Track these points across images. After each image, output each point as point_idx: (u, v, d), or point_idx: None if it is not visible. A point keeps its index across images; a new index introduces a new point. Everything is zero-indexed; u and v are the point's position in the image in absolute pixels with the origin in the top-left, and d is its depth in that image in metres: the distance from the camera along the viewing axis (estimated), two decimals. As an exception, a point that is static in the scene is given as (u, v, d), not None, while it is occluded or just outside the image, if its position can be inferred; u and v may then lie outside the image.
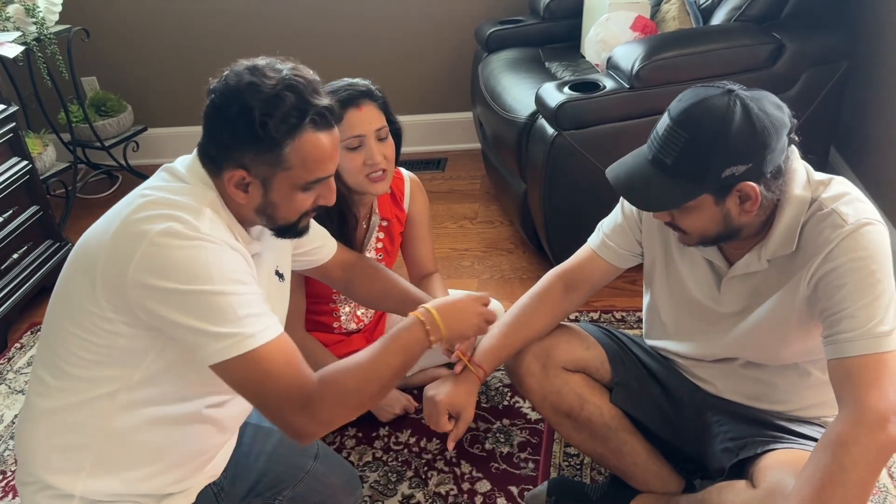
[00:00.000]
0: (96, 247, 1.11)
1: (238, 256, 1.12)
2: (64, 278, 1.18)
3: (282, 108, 1.09)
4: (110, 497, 1.19)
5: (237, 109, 1.09)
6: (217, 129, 1.13)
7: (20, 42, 2.66)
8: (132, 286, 1.06)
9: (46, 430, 1.18)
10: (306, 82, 1.12)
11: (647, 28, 2.48)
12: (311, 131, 1.12)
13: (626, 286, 2.30)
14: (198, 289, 1.05)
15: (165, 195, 1.12)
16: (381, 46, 3.36)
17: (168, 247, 1.05)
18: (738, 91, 1.18)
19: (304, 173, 1.14)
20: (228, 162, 1.13)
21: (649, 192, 1.22)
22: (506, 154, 2.53)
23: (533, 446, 1.82)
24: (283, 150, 1.11)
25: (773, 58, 2.19)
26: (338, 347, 1.86)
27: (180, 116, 3.60)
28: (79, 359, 1.13)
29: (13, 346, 2.41)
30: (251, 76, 1.10)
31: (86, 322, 1.11)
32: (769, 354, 1.37)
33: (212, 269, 1.06)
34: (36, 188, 2.58)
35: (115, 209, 1.16)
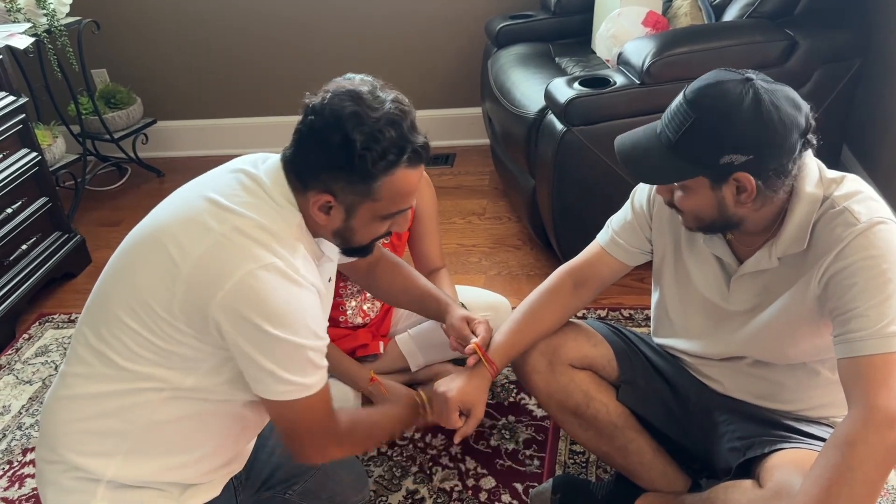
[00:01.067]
0: (178, 253, 1.11)
1: (319, 303, 1.18)
2: (128, 264, 1.18)
3: (382, 144, 1.10)
4: (138, 483, 1.19)
5: (338, 138, 1.09)
6: (312, 151, 1.13)
7: (31, 33, 2.66)
8: (219, 308, 1.08)
9: (82, 413, 1.18)
10: (406, 116, 1.13)
11: (659, 24, 2.46)
12: (405, 168, 1.14)
13: (635, 284, 2.29)
14: (284, 336, 1.10)
15: (259, 219, 1.12)
16: (391, 41, 3.35)
17: (268, 284, 1.08)
18: (756, 80, 1.16)
19: (389, 205, 1.16)
20: (317, 183, 1.14)
21: (647, 163, 1.23)
22: (514, 150, 2.52)
23: (538, 443, 1.81)
24: (375, 183, 1.12)
25: (785, 55, 2.17)
26: (344, 342, 1.86)
27: (190, 109, 3.61)
28: (132, 353, 1.14)
29: (21, 336, 2.42)
30: (355, 105, 1.10)
31: (151, 323, 1.12)
32: (778, 353, 1.36)
33: (302, 320, 1.12)
34: (45, 180, 2.59)
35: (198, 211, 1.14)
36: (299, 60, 3.41)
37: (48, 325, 2.47)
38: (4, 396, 2.18)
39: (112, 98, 3.33)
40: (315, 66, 3.36)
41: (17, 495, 1.84)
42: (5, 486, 1.87)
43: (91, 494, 1.17)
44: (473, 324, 1.49)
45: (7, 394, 2.19)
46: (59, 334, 2.42)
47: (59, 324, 2.48)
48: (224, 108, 3.56)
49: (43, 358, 2.32)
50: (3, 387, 2.21)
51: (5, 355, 2.34)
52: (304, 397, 1.15)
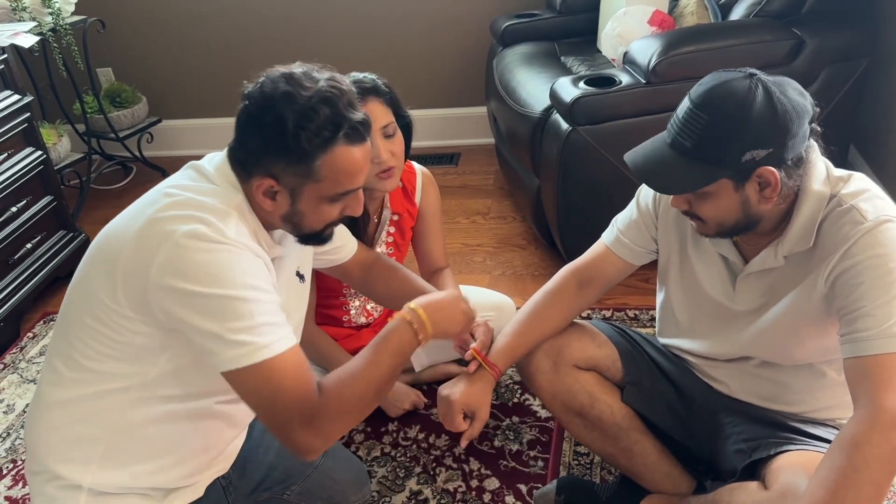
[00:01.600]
0: (118, 243, 1.11)
1: (260, 263, 1.12)
2: (84, 271, 1.18)
3: (316, 121, 1.08)
4: (119, 489, 1.19)
5: (271, 119, 1.08)
6: (249, 136, 1.12)
7: (36, 32, 2.67)
8: (153, 286, 1.06)
9: (57, 421, 1.18)
10: (342, 94, 1.11)
11: (665, 23, 2.45)
12: (344, 145, 1.11)
13: (640, 284, 2.28)
14: (218, 292, 1.04)
15: (192, 196, 1.11)
16: (395, 40, 3.34)
17: (192, 249, 1.05)
18: (759, 75, 1.16)
19: (333, 185, 1.13)
20: (258, 169, 1.12)
21: (668, 175, 1.21)
22: (519, 149, 2.51)
23: (543, 444, 1.81)
24: (315, 163, 1.10)
25: (792, 54, 2.15)
26: (347, 342, 1.85)
27: (195, 108, 3.61)
28: (95, 352, 1.13)
29: (25, 335, 2.43)
30: (287, 85, 1.09)
31: (104, 317, 1.11)
32: (784, 354, 1.35)
33: (234, 274, 1.06)
34: (50, 178, 2.59)
35: (139, 205, 1.15)
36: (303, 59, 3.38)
37: (52, 324, 2.47)
38: (9, 395, 2.18)
39: (117, 97, 3.34)
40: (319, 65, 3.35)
41: (20, 494, 1.84)
42: (9, 485, 1.87)
43: (74, 502, 1.16)
44: (472, 326, 1.47)
45: (11, 392, 2.19)
46: (64, 333, 2.42)
47: (64, 322, 2.48)
48: (229, 107, 3.51)
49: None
50: (8, 385, 2.22)
51: (10, 354, 2.34)
52: (263, 360, 1.05)
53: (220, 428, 1.26)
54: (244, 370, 1.06)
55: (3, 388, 2.20)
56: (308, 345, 1.81)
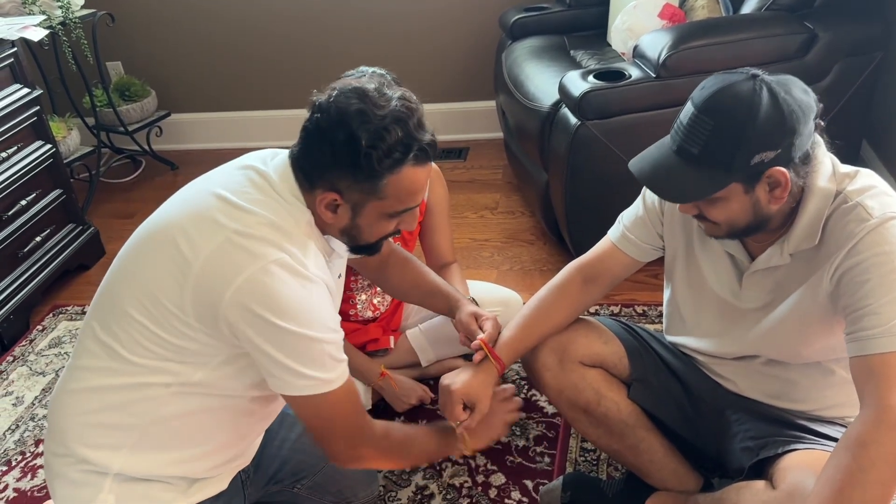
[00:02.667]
0: (191, 250, 1.11)
1: (330, 299, 1.18)
2: (137, 260, 1.17)
3: (388, 142, 1.09)
4: (145, 476, 1.19)
5: (343, 136, 1.09)
6: (318, 150, 1.13)
7: (45, 26, 2.67)
8: (229, 305, 1.07)
9: (89, 406, 1.18)
10: (412, 114, 1.12)
11: (676, 16, 2.43)
12: (412, 166, 1.13)
13: (648, 280, 2.27)
14: (298, 331, 1.09)
15: (269, 216, 1.12)
16: (404, 34, 3.33)
17: (279, 279, 1.08)
18: (762, 76, 1.15)
19: (395, 203, 1.15)
20: (322, 182, 1.13)
21: (676, 183, 1.19)
22: (528, 144, 2.50)
23: (549, 440, 1.80)
24: (382, 182, 1.12)
25: (804, 48, 2.13)
26: (354, 336, 1.85)
27: (204, 102, 3.61)
28: (141, 348, 1.14)
29: (35, 328, 2.44)
30: (361, 103, 1.09)
31: (160, 318, 1.12)
32: (791, 352, 1.33)
33: (314, 315, 1.11)
34: (59, 172, 2.60)
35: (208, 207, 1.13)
36: (312, 54, 3.40)
37: (62, 317, 2.48)
38: (18, 387, 2.19)
39: (126, 90, 3.34)
40: (328, 60, 3.35)
41: (29, 486, 1.85)
42: (18, 477, 1.88)
43: (98, 487, 1.17)
44: (481, 320, 1.48)
45: (20, 385, 2.20)
46: (73, 326, 2.43)
47: (73, 315, 2.49)
48: (238, 101, 3.56)
49: (56, 349, 2.33)
50: (17, 378, 2.23)
51: (19, 346, 2.36)
52: (326, 392, 1.14)
53: (251, 422, 1.29)
54: (307, 398, 1.15)
55: (13, 381, 2.22)
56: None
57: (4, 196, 2.34)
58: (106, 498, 1.17)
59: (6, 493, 1.84)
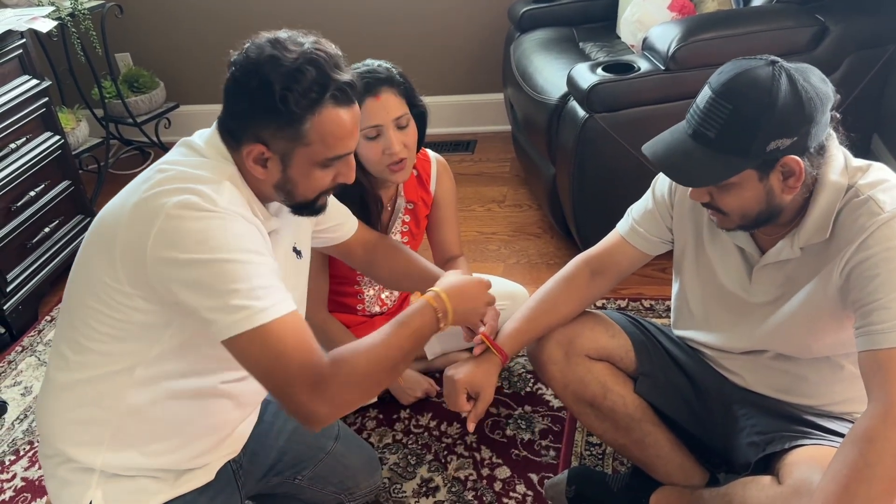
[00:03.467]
0: (114, 222, 1.11)
1: (254, 229, 1.12)
2: (83, 254, 1.19)
3: (302, 83, 1.07)
4: (130, 471, 1.20)
5: (257, 82, 1.08)
6: (237, 103, 1.12)
7: (54, 17, 2.68)
8: (150, 261, 1.06)
9: (66, 404, 1.19)
10: (328, 56, 1.10)
11: (685, 9, 2.41)
12: (332, 107, 1.10)
13: (656, 274, 2.26)
14: (210, 257, 1.04)
15: (183, 169, 1.11)
16: (412, 26, 3.32)
17: (183, 218, 1.05)
18: (781, 62, 1.14)
19: (323, 149, 1.12)
20: (247, 136, 1.12)
21: (691, 166, 1.18)
22: (536, 136, 2.49)
23: (555, 434, 1.80)
24: (303, 126, 1.09)
25: (815, 41, 2.11)
26: (360, 329, 1.85)
27: (212, 94, 3.59)
28: (98, 333, 1.14)
29: (44, 318, 2.45)
30: (272, 49, 1.08)
31: (105, 297, 1.11)
32: (801, 347, 1.33)
33: (226, 239, 1.05)
34: (68, 163, 2.61)
35: (133, 184, 1.15)
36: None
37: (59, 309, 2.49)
38: (26, 378, 2.20)
39: (135, 82, 3.35)
40: (337, 52, 3.34)
41: (36, 475, 1.86)
42: (26, 466, 1.89)
43: (86, 485, 1.18)
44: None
45: (29, 375, 2.21)
46: (81, 317, 2.45)
47: (81, 306, 2.50)
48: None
49: (64, 340, 2.35)
50: (26, 368, 2.24)
51: (28, 337, 2.37)
52: (262, 325, 1.03)
53: (226, 408, 1.26)
54: (243, 336, 1.04)
55: (21, 371, 2.23)
56: (321, 333, 1.81)
57: (14, 187, 2.35)
58: (94, 494, 1.17)
59: (14, 482, 1.85)
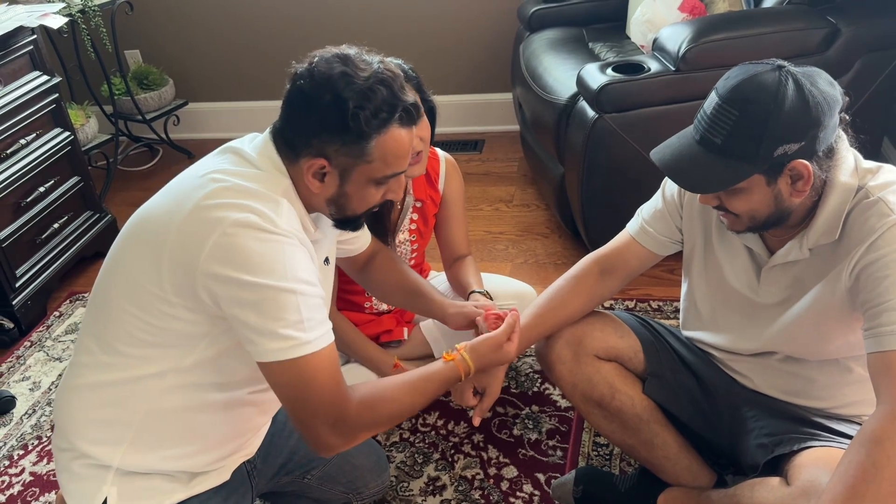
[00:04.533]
0: (164, 228, 1.11)
1: (307, 255, 1.13)
2: (122, 254, 1.18)
3: (374, 102, 1.09)
4: (146, 470, 1.20)
5: (330, 98, 1.08)
6: (304, 116, 1.12)
7: (65, 13, 2.68)
8: (202, 273, 1.06)
9: (90, 402, 1.19)
10: (395, 77, 1.12)
11: (696, 9, 2.40)
12: (398, 127, 1.13)
13: (665, 275, 2.26)
14: (267, 283, 1.05)
15: (240, 182, 1.11)
16: (422, 24, 3.32)
17: (242, 237, 1.06)
18: (788, 67, 1.14)
19: (383, 167, 1.14)
20: (310, 150, 1.12)
21: (698, 173, 1.18)
22: (544, 136, 2.49)
23: (562, 434, 1.80)
24: (369, 144, 1.11)
25: (826, 43, 2.11)
26: (368, 327, 1.85)
27: (221, 91, 3.62)
28: (132, 338, 1.14)
29: (52, 314, 2.46)
30: (343, 66, 1.10)
31: (145, 303, 1.12)
32: (809, 349, 1.32)
33: (285, 266, 1.07)
34: (77, 159, 2.62)
35: (181, 189, 1.14)
36: (330, 43, 3.38)
37: (78, 304, 2.51)
38: (35, 373, 2.21)
39: (144, 79, 3.36)
40: (345, 50, 3.34)
41: (45, 470, 1.87)
42: (34, 461, 1.90)
43: (101, 480, 1.18)
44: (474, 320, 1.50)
45: (37, 370, 2.22)
46: (89, 312, 2.46)
47: (90, 302, 2.51)
48: (255, 90, 3.57)
49: (73, 335, 2.36)
50: (34, 363, 2.25)
51: (36, 332, 2.38)
52: (303, 356, 1.07)
53: (251, 416, 1.28)
54: (282, 363, 1.08)
55: (30, 366, 2.24)
56: (329, 329, 1.83)
57: (23, 183, 2.36)
58: (109, 490, 1.18)
59: (23, 477, 1.86)
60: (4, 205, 2.30)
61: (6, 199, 2.30)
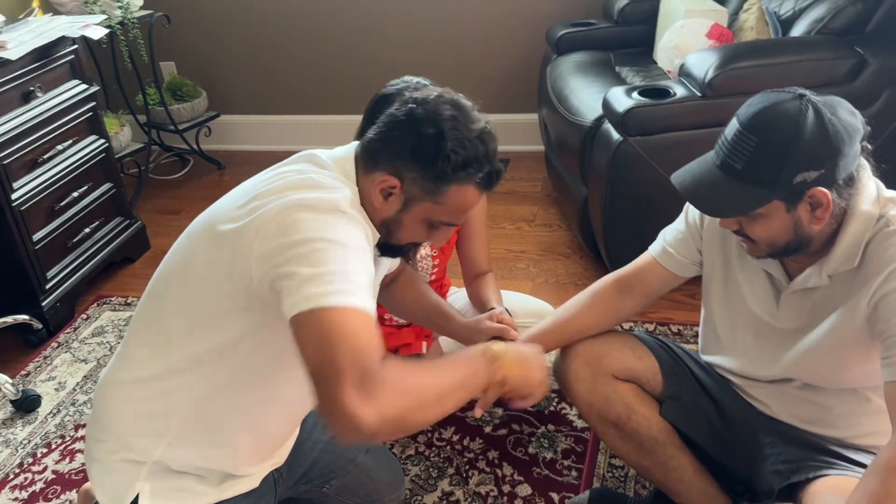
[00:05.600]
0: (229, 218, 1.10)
1: (367, 232, 1.11)
2: (184, 245, 1.19)
3: (468, 153, 1.13)
4: (182, 468, 1.21)
5: (433, 131, 1.12)
6: (401, 136, 1.14)
7: (105, 25, 2.76)
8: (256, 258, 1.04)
9: (137, 394, 1.19)
10: (494, 141, 1.17)
11: (724, 36, 2.42)
12: (474, 185, 1.16)
13: (685, 299, 2.26)
14: (318, 236, 1.01)
15: (310, 175, 1.12)
16: (451, 43, 3.36)
17: (302, 213, 1.03)
18: (809, 96, 1.15)
19: (444, 213, 1.18)
20: (389, 166, 1.14)
21: (718, 197, 1.20)
22: (569, 158, 2.51)
23: (577, 454, 1.80)
24: (445, 187, 1.14)
25: (853, 73, 2.11)
26: (387, 339, 1.86)
27: (253, 105, 3.68)
28: (185, 331, 1.15)
29: (79, 316, 2.51)
30: (456, 111, 1.14)
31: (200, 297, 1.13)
32: (827, 376, 1.32)
33: (338, 228, 1.04)
34: (111, 166, 2.68)
35: (250, 185, 1.16)
36: (361, 61, 3.45)
37: (105, 307, 2.55)
38: (61, 373, 2.26)
39: (178, 90, 3.43)
40: (377, 67, 3.39)
41: (67, 468, 1.90)
42: (57, 460, 1.94)
43: (135, 475, 1.19)
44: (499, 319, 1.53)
45: (63, 371, 2.27)
46: (116, 316, 2.50)
47: (116, 306, 2.56)
48: (285, 105, 3.63)
49: (99, 338, 2.40)
50: (60, 364, 2.30)
51: (63, 334, 2.43)
52: (336, 307, 0.97)
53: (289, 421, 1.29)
54: (314, 314, 0.97)
55: (56, 367, 2.29)
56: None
57: (58, 187, 2.42)
58: (142, 486, 1.19)
59: (45, 475, 1.89)
60: (39, 208, 2.36)
61: (41, 202, 2.36)
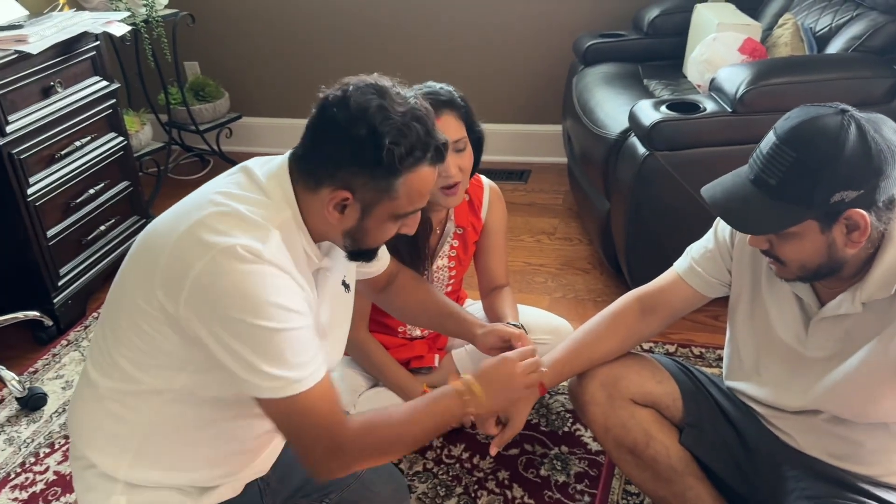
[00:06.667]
0: (161, 247, 1.09)
1: (295, 285, 1.09)
2: (126, 267, 1.17)
3: (409, 139, 1.07)
4: (153, 484, 1.19)
5: (365, 132, 1.05)
6: (332, 146, 1.08)
7: (129, 22, 2.75)
8: (186, 307, 1.04)
9: (95, 413, 1.18)
10: (428, 113, 1.11)
11: (757, 52, 2.36)
12: (428, 165, 1.11)
13: (708, 321, 2.19)
14: (254, 322, 1.02)
15: (238, 207, 1.08)
16: (477, 52, 3.33)
17: (227, 268, 1.02)
18: (852, 111, 1.10)
19: (405, 204, 1.12)
20: (334, 181, 1.08)
21: (750, 213, 1.14)
22: (592, 170, 2.46)
23: (591, 479, 1.74)
24: (398, 180, 1.08)
25: (891, 93, 2.04)
26: (399, 351, 1.83)
27: (275, 107, 3.67)
28: (131, 353, 1.12)
29: (91, 315, 2.49)
30: (380, 99, 1.07)
31: (140, 320, 1.09)
32: (857, 410, 1.26)
33: (266, 297, 1.03)
34: (129, 164, 2.67)
35: (186, 209, 1.12)
36: (386, 68, 3.37)
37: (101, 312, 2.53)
38: (69, 372, 2.23)
39: (201, 90, 3.42)
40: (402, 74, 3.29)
41: (68, 470, 1.87)
42: (59, 460, 1.91)
43: (111, 492, 1.17)
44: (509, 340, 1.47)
45: (72, 369, 2.24)
46: (127, 316, 2.48)
47: (128, 305, 2.54)
48: (308, 109, 3.58)
49: (109, 337, 2.38)
50: (69, 362, 2.27)
51: (74, 332, 2.41)
52: (295, 395, 1.05)
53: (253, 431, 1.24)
54: (275, 401, 1.06)
55: (65, 365, 2.26)
56: (360, 353, 1.80)
57: (76, 184, 2.41)
58: (118, 500, 1.17)
59: (46, 475, 1.86)
60: (55, 204, 2.34)
61: (57, 198, 2.35)
